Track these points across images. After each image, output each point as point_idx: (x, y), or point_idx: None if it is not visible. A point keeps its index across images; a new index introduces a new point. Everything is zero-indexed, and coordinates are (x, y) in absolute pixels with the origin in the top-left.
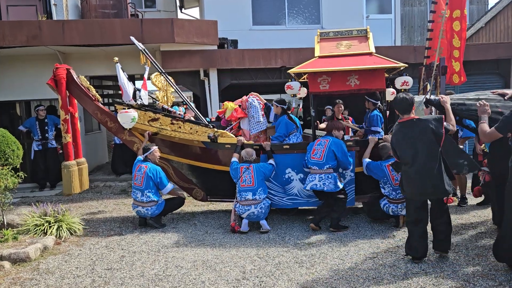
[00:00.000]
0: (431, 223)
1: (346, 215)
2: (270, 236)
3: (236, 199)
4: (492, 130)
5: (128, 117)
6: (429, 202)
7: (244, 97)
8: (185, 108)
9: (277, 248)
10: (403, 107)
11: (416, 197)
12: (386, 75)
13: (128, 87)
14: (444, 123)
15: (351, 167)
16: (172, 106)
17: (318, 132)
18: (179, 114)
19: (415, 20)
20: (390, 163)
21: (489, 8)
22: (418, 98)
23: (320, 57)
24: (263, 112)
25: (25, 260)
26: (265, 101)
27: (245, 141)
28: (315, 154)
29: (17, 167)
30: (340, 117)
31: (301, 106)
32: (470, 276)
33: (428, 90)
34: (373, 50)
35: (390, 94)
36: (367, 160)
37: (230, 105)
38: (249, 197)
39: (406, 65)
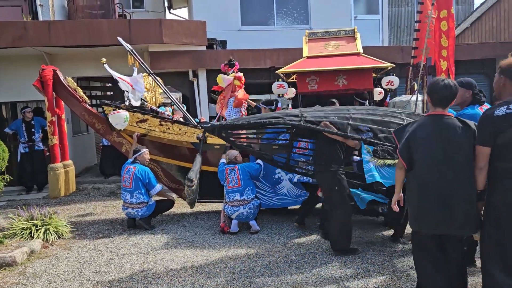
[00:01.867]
0: None
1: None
2: (259, 237)
3: (225, 200)
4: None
5: (120, 117)
6: None
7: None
8: (172, 109)
9: (267, 248)
10: (441, 96)
11: (428, 228)
12: (374, 75)
13: (123, 83)
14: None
15: None
16: (159, 107)
17: None
18: (167, 115)
19: (402, 20)
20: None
21: (474, 9)
22: (406, 98)
23: (308, 57)
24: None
25: (12, 264)
26: (255, 104)
27: None
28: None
29: (3, 170)
30: None
31: (290, 106)
32: None
33: (415, 89)
34: (360, 50)
35: (377, 93)
36: (357, 157)
37: (220, 76)
38: (237, 198)
39: (393, 65)
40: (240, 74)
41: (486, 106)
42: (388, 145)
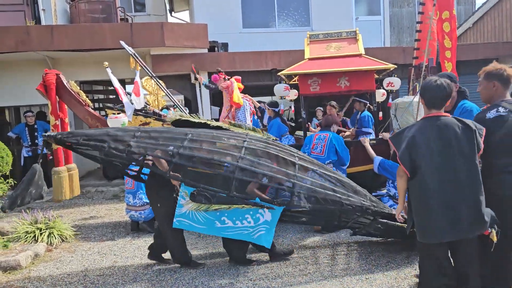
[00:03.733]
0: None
1: None
2: None
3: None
4: None
5: (118, 123)
6: None
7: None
8: (175, 112)
9: None
10: (435, 96)
11: (442, 235)
12: (376, 76)
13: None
14: None
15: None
16: (161, 110)
17: (309, 134)
18: None
19: (403, 21)
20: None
21: (476, 9)
22: (408, 99)
23: (310, 59)
24: (251, 118)
25: (16, 268)
26: (259, 105)
27: None
28: (315, 148)
29: (7, 174)
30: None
31: (292, 108)
32: None
33: (417, 90)
34: (362, 51)
35: (381, 95)
36: (380, 158)
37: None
38: None
39: (395, 66)
40: (238, 77)
41: None
42: (209, 189)
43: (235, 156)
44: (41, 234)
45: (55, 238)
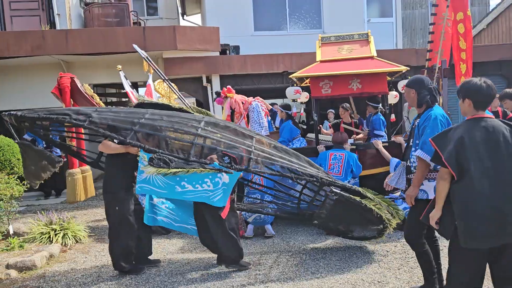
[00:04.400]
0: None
1: None
2: (275, 241)
3: (243, 203)
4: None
5: None
6: None
7: (250, 99)
8: None
9: (282, 253)
10: (487, 95)
11: (490, 240)
12: (388, 78)
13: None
14: None
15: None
16: None
17: (321, 137)
18: None
19: (416, 22)
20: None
21: (490, 10)
22: None
23: (321, 61)
24: (265, 119)
25: (31, 268)
26: (271, 107)
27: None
28: (332, 169)
29: (23, 175)
30: (349, 121)
31: (301, 111)
32: None
33: None
34: (374, 53)
35: (393, 97)
36: (396, 159)
37: (230, 95)
38: (256, 201)
39: (408, 68)
40: (231, 89)
41: None
42: (167, 154)
43: (194, 126)
44: (55, 235)
45: (70, 239)
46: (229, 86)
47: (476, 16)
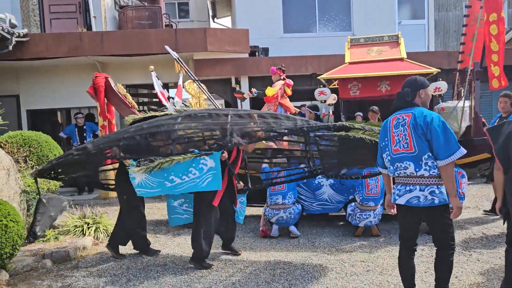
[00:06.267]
0: None
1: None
2: (300, 241)
3: (267, 203)
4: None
5: None
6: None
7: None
8: None
9: (307, 252)
10: None
11: None
12: None
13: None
14: None
15: None
16: None
17: None
18: None
19: (450, 25)
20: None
21: None
22: (452, 104)
23: (350, 63)
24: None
25: (66, 259)
26: (298, 110)
27: (275, 146)
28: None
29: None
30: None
31: (331, 113)
32: None
33: (462, 95)
34: (404, 55)
35: None
36: None
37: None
38: (279, 201)
39: (438, 70)
40: (291, 82)
41: None
42: (153, 156)
43: (171, 123)
44: (88, 228)
45: (101, 233)
46: (290, 82)
47: (511, 18)
